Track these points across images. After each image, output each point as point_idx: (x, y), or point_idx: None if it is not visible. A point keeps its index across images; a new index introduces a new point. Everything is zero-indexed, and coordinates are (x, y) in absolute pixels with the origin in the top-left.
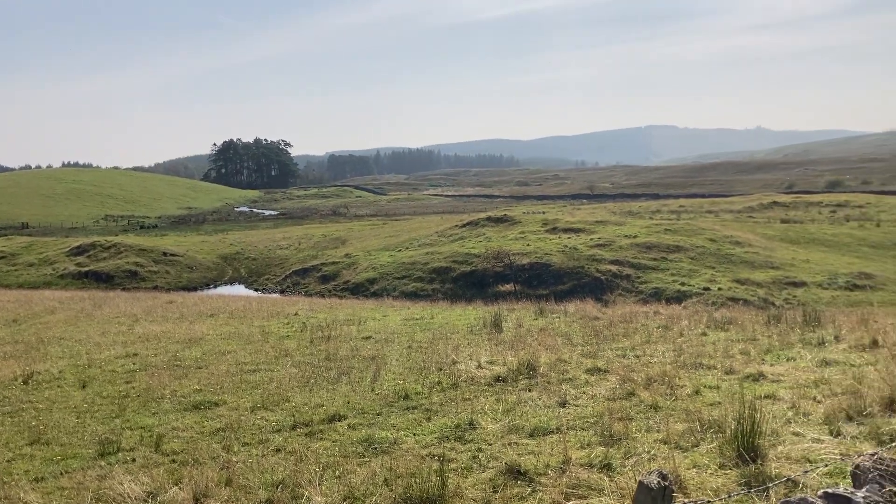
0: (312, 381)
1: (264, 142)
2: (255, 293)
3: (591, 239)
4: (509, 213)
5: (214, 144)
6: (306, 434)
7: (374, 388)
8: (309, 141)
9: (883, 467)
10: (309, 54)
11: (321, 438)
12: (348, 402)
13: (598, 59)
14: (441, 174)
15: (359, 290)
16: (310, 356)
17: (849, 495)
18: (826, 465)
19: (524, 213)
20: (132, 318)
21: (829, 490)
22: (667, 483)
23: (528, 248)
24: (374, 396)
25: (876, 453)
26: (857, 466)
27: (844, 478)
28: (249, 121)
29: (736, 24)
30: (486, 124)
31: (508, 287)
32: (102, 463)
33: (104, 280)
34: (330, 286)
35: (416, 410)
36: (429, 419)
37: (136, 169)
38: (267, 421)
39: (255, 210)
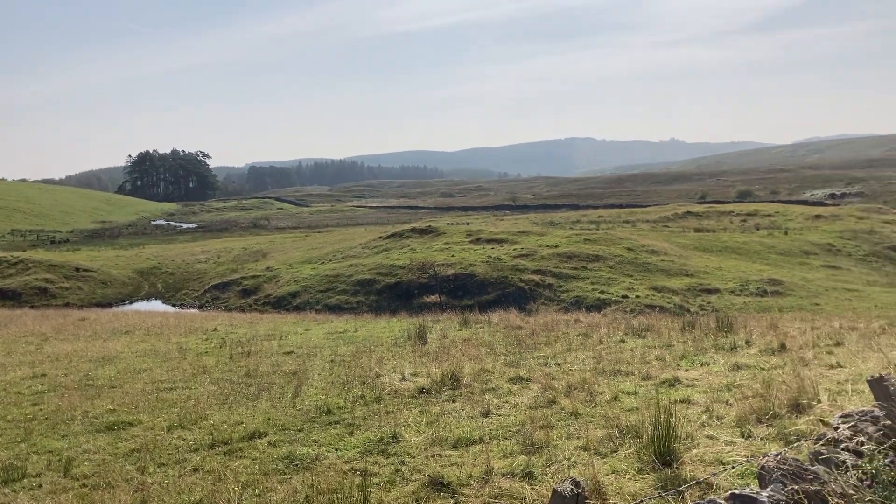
0: (232, 398)
1: (182, 153)
2: (173, 309)
3: (515, 249)
4: (434, 225)
5: (130, 156)
6: (225, 453)
7: (296, 403)
8: (228, 152)
9: (786, 467)
10: (228, 64)
11: (241, 457)
12: (269, 419)
13: (519, 72)
14: (365, 185)
15: (281, 303)
16: (229, 373)
17: (754, 495)
18: (737, 467)
19: (448, 224)
20: (41, 336)
21: (737, 491)
22: (580, 490)
23: (453, 259)
24: (296, 412)
25: (779, 454)
26: (763, 467)
27: (754, 478)
28: (166, 132)
29: (650, 40)
30: (410, 136)
31: (433, 298)
32: (6, 490)
33: (10, 298)
34: (251, 300)
35: (338, 425)
36: (351, 434)
37: (45, 182)
38: (184, 440)
39: (172, 223)
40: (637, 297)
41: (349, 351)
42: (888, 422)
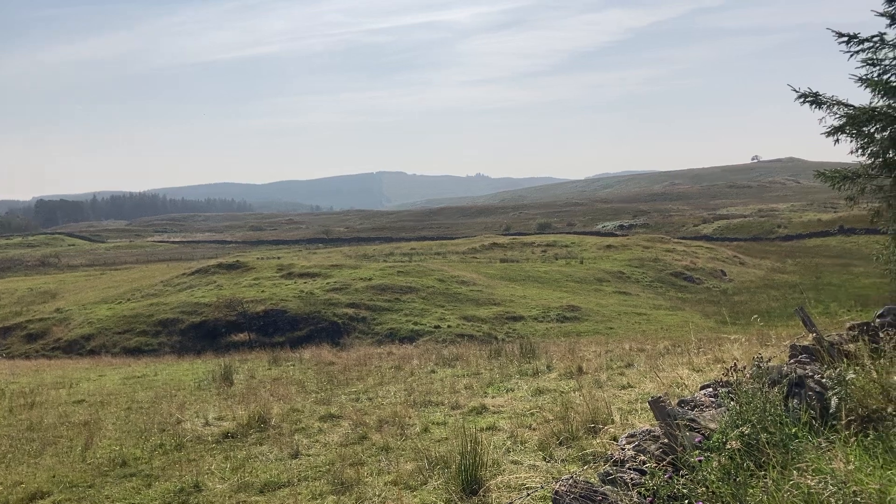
0: (10, 455)
1: None
2: None
3: (328, 283)
4: (242, 259)
5: None
6: None
7: (86, 457)
8: (11, 185)
9: (577, 490)
10: (8, 92)
11: None
12: (54, 477)
13: (329, 105)
14: (167, 220)
15: (73, 348)
16: (8, 427)
17: None
18: (539, 490)
19: (258, 258)
20: None
21: None
22: None
23: (263, 295)
24: (86, 467)
25: (571, 477)
26: (557, 492)
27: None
28: None
29: (456, 79)
30: (216, 168)
31: (242, 336)
32: None
33: None
34: (38, 346)
35: (134, 478)
36: (149, 486)
37: None
38: None
39: None
40: (448, 326)
41: (148, 397)
42: (666, 440)
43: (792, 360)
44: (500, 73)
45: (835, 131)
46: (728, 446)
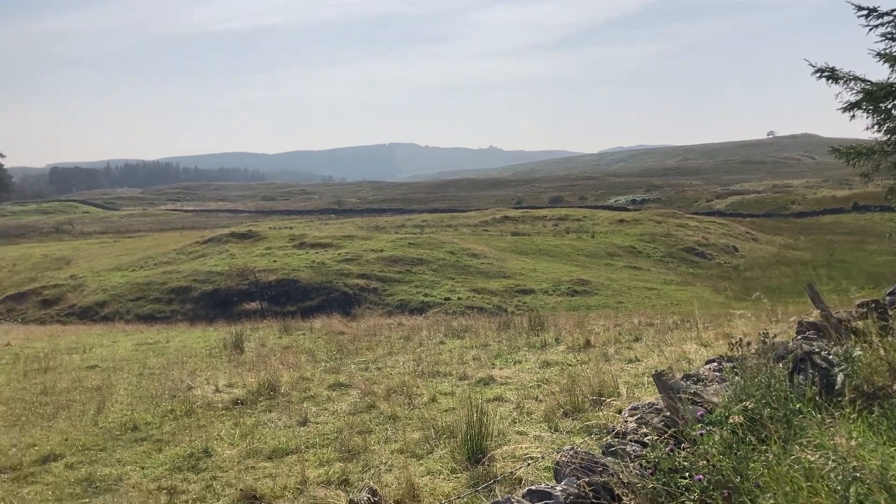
0: (24, 418)
1: None
2: None
3: (339, 254)
4: (255, 229)
5: None
6: (14, 479)
7: (98, 421)
8: (26, 152)
9: (578, 461)
10: (24, 58)
11: (32, 482)
12: (66, 440)
13: (342, 76)
14: (180, 188)
15: (87, 314)
16: (22, 391)
17: (549, 490)
18: (543, 461)
19: (271, 228)
20: None
21: (533, 487)
22: (376, 499)
23: (276, 265)
24: (98, 431)
25: (572, 448)
26: (558, 462)
27: None
28: None
29: (466, 52)
30: (229, 137)
31: (254, 305)
32: None
33: None
34: (52, 311)
35: (145, 442)
36: (160, 450)
37: None
38: None
39: None
40: (459, 298)
41: (160, 363)
42: (668, 413)
43: (799, 337)
44: (515, 45)
45: (851, 107)
46: (730, 421)
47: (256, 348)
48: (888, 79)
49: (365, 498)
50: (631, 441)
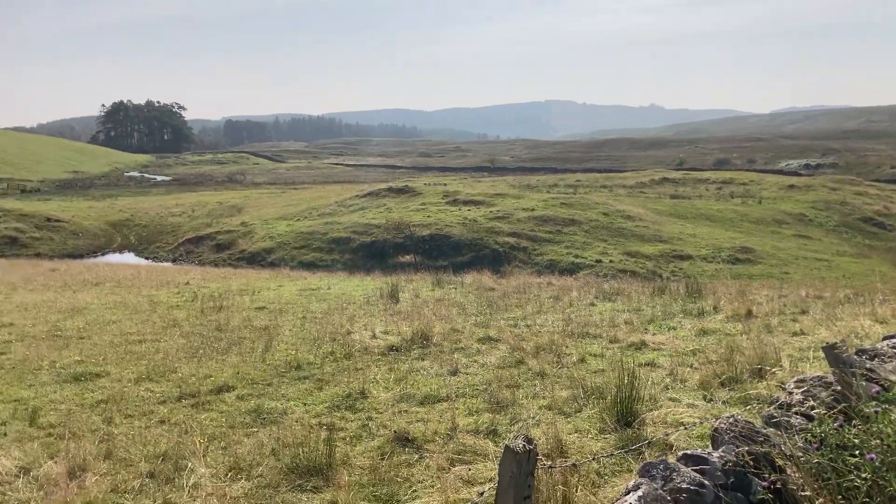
0: (201, 351)
1: (157, 104)
2: (146, 262)
3: (491, 211)
4: (411, 185)
5: (103, 106)
6: (192, 405)
7: (266, 358)
8: (204, 105)
9: (738, 429)
10: (203, 14)
11: (208, 409)
12: (238, 373)
13: (497, 33)
14: (342, 143)
15: (255, 259)
16: (199, 326)
17: (705, 455)
18: (696, 428)
19: (426, 184)
20: (10, 286)
21: (689, 451)
22: (532, 447)
23: (429, 220)
24: (265, 367)
25: (732, 416)
26: (716, 429)
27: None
28: (141, 82)
29: (628, 5)
30: (389, 94)
31: (408, 258)
32: None
33: None
34: (225, 255)
35: (307, 380)
36: (320, 389)
37: (16, 129)
38: (152, 392)
39: (146, 175)
40: (611, 261)
41: (321, 308)
42: (839, 388)
43: None
44: None
45: None
46: None
47: (410, 299)
48: None
49: (521, 445)
50: (795, 414)
